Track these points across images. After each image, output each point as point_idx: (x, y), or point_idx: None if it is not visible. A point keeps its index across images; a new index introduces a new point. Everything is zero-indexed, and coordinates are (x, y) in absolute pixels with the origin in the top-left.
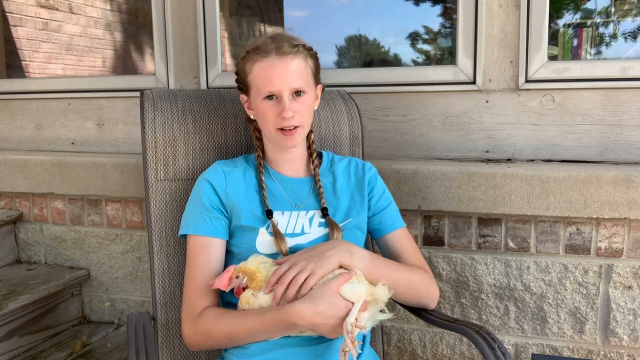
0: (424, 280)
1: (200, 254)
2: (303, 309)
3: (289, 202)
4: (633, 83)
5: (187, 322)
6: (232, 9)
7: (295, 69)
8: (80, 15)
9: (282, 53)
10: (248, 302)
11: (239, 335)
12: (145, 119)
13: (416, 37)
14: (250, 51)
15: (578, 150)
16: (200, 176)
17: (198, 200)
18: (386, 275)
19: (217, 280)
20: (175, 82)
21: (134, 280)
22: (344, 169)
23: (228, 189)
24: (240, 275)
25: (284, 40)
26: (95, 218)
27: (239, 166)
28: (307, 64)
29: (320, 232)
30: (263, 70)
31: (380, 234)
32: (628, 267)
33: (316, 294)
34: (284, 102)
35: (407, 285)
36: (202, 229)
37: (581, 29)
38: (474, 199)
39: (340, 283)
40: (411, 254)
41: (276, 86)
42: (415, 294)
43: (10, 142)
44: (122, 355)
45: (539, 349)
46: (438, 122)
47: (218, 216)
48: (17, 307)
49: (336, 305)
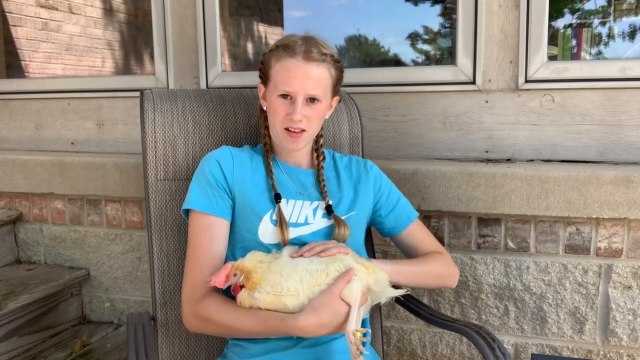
0: (441, 264)
1: (204, 234)
2: (308, 324)
3: (294, 191)
4: (633, 83)
5: (188, 303)
6: (232, 9)
7: (316, 76)
8: (80, 15)
9: (308, 58)
10: (244, 303)
11: (238, 331)
12: (145, 119)
13: (416, 37)
14: (280, 47)
15: (578, 150)
16: (207, 155)
17: (204, 178)
18: (409, 272)
19: (214, 278)
20: (175, 82)
21: (134, 280)
22: (346, 165)
23: (235, 171)
24: (238, 273)
25: (314, 46)
26: (95, 218)
27: (246, 152)
28: (329, 75)
29: (323, 223)
30: (286, 69)
31: (399, 231)
32: (628, 267)
33: (319, 304)
34: (296, 104)
35: (429, 275)
36: (207, 206)
37: (581, 29)
38: (474, 199)
39: (341, 287)
40: (426, 242)
41: (294, 87)
42: (438, 278)
43: (10, 142)
44: (122, 355)
45: (539, 349)
46: (438, 122)
47: (223, 196)
48: (16, 307)
49: (339, 314)
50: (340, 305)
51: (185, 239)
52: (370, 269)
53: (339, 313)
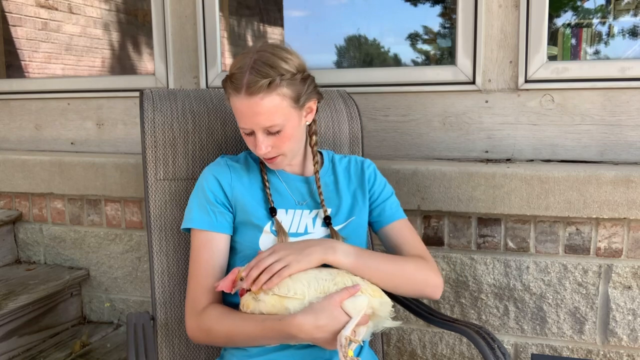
0: (419, 268)
1: (204, 249)
2: (304, 322)
3: (293, 200)
4: (632, 83)
5: (190, 317)
6: (232, 9)
7: (265, 109)
8: (80, 15)
9: (251, 93)
10: (248, 306)
11: (238, 338)
12: (144, 119)
13: (416, 37)
14: (227, 78)
15: (577, 150)
16: (205, 169)
17: (202, 194)
18: (375, 269)
19: (222, 283)
20: (175, 82)
21: (134, 280)
22: (345, 168)
23: (233, 184)
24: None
25: (258, 73)
26: (95, 218)
27: (242, 162)
28: (283, 98)
29: (323, 231)
30: (235, 107)
31: (380, 226)
32: (627, 267)
33: (318, 307)
34: (257, 140)
35: (402, 277)
36: (207, 223)
37: (580, 29)
38: (474, 199)
39: (343, 297)
40: (411, 243)
41: (247, 124)
42: (412, 283)
43: (10, 142)
44: (122, 355)
45: (539, 349)
46: (437, 122)
47: (223, 211)
48: (16, 307)
49: (337, 320)
50: (339, 312)
51: (185, 239)
52: (376, 291)
53: (337, 319)
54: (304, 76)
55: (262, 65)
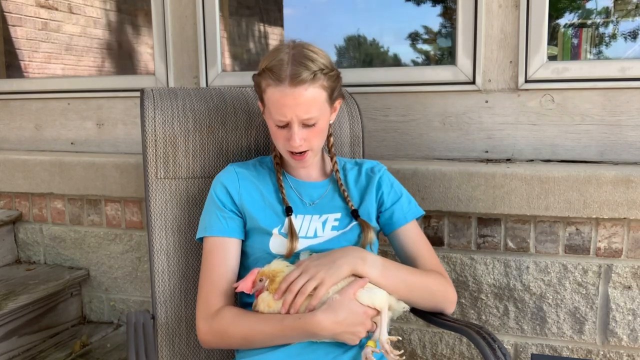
0: (440, 284)
1: (215, 253)
2: (324, 319)
3: (303, 206)
4: (632, 83)
5: (203, 321)
6: (232, 9)
7: (308, 100)
8: (80, 15)
9: (296, 84)
10: (269, 305)
11: (255, 338)
12: (145, 117)
13: (416, 37)
14: (266, 70)
15: (577, 150)
16: (215, 178)
17: (212, 203)
18: (402, 280)
19: (241, 284)
20: (175, 82)
21: (134, 280)
22: (355, 179)
23: (241, 190)
24: (264, 278)
25: (301, 65)
26: (95, 218)
27: (252, 168)
28: (322, 91)
29: (333, 235)
30: (274, 98)
31: (391, 229)
32: (627, 267)
33: (335, 304)
34: (292, 131)
35: (424, 290)
36: (217, 229)
37: (581, 29)
38: (474, 199)
39: (355, 289)
40: (426, 257)
41: (287, 117)
42: (433, 298)
43: (10, 142)
44: (122, 355)
45: (539, 349)
46: (437, 122)
47: (232, 217)
48: (16, 307)
49: (355, 313)
50: (355, 304)
51: (185, 238)
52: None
53: (354, 311)
54: (338, 73)
55: (303, 58)
